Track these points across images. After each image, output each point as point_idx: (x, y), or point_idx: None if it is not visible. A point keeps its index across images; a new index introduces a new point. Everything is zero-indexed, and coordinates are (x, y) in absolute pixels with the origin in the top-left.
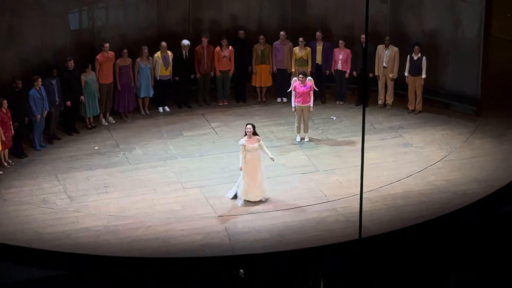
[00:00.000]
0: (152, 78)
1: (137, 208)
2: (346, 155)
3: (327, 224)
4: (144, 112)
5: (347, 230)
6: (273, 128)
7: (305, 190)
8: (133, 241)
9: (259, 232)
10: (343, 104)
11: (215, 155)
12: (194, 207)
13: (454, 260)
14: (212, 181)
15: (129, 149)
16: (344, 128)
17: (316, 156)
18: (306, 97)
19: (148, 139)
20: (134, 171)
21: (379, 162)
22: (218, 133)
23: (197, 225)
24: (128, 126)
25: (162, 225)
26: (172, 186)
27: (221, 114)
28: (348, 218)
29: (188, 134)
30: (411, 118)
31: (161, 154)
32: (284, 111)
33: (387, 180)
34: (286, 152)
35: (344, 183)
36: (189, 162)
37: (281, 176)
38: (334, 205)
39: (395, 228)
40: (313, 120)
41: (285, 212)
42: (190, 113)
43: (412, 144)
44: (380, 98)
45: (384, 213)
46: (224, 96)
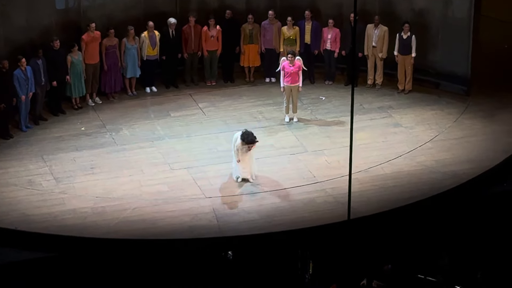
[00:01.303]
0: (138, 58)
1: (124, 190)
2: (335, 136)
3: (316, 205)
4: (131, 92)
5: (336, 211)
6: (261, 108)
7: (294, 171)
8: (120, 223)
9: (248, 213)
10: (332, 84)
11: (203, 135)
12: (182, 189)
13: (445, 241)
14: (200, 162)
15: (115, 129)
16: (333, 108)
17: (305, 137)
18: (295, 77)
19: (135, 119)
20: (121, 152)
21: (368, 143)
22: (206, 114)
23: (185, 206)
24: (115, 107)
25: (150, 206)
26: (159, 167)
27: (209, 95)
28: (337, 199)
29: (176, 114)
30: (400, 98)
31: (148, 135)
32: (273, 91)
33: (376, 160)
34: (275, 133)
35: (333, 163)
36: (177, 143)
37: (270, 157)
38: (323, 186)
39: (385, 209)
40: (302, 100)
41: (274, 193)
42: (178, 94)
43: (401, 124)
44: (369, 78)
45: (373, 194)
46: (211, 76)
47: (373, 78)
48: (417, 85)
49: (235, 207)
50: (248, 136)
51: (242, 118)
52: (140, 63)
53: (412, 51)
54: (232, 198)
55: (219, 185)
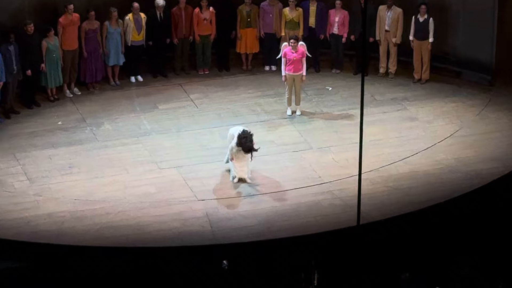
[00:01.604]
0: (122, 43)
1: (106, 192)
2: (343, 131)
3: (322, 208)
4: (113, 82)
5: (344, 215)
6: (260, 100)
7: (297, 170)
8: (102, 229)
9: (245, 218)
10: (340, 72)
11: (194, 130)
12: (171, 190)
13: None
14: (192, 160)
15: (96, 124)
16: (341, 100)
17: (309, 132)
18: (298, 65)
19: (118, 112)
20: (102, 149)
21: (380, 139)
22: (198, 106)
23: (175, 210)
24: (96, 98)
25: (135, 210)
26: (146, 166)
27: (201, 85)
28: (346, 201)
29: (164, 107)
30: (417, 89)
31: (134, 129)
32: (273, 81)
33: (389, 159)
34: (275, 128)
35: (341, 162)
36: (165, 139)
37: (270, 155)
38: (329, 187)
39: (399, 213)
40: (305, 91)
41: (274, 196)
42: (166, 83)
43: (418, 118)
44: (381, 66)
45: (386, 196)
46: (204, 64)
47: (386, 66)
48: (435, 74)
49: (230, 211)
50: (246, 141)
51: (239, 111)
52: (124, 49)
53: (430, 36)
54: (228, 201)
55: (212, 186)
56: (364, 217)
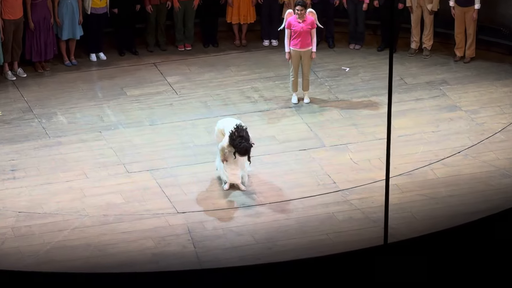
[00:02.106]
0: (80, 12)
1: (58, 202)
2: (364, 123)
3: (337, 223)
4: (68, 61)
5: (367, 232)
6: (257, 84)
7: (305, 174)
8: (53, 250)
9: (238, 235)
10: (360, 48)
11: (173, 123)
12: (143, 200)
13: None
14: (169, 161)
15: (47, 115)
16: (362, 84)
17: (320, 125)
18: (306, 38)
19: (75, 100)
20: (54, 147)
21: (412, 134)
22: (178, 92)
23: (147, 225)
24: (46, 82)
25: (96, 226)
26: (110, 169)
27: (182, 64)
28: (368, 214)
29: (134, 93)
30: (459, 69)
31: (95, 122)
32: (274, 59)
33: (424, 159)
34: (277, 119)
35: (362, 164)
36: (136, 134)
37: (270, 154)
38: (347, 196)
39: (436, 229)
40: (316, 73)
41: (275, 207)
42: (137, 63)
43: (460, 107)
44: (413, 40)
45: (420, 208)
46: (186, 38)
47: (419, 40)
48: (482, 50)
49: (219, 227)
50: (241, 141)
51: (230, 99)
52: (82, 19)
53: (476, 1)
54: (216, 214)
55: (196, 195)
56: (392, 234)
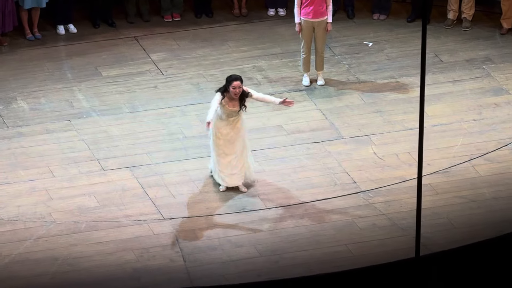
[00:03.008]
0: None
1: (19, 206)
2: (390, 110)
3: (358, 232)
4: (31, 35)
5: (394, 242)
6: (261, 62)
7: (319, 171)
8: (12, 264)
9: (237, 246)
10: (386, 19)
11: (158, 110)
12: (122, 204)
13: None
14: (153, 156)
15: (5, 100)
16: (387, 63)
17: (337, 112)
18: (320, 6)
19: (39, 82)
20: (14, 139)
21: (449, 123)
22: (164, 72)
23: (127, 234)
24: (4, 60)
25: (65, 235)
26: (82, 165)
27: (169, 39)
28: (396, 221)
29: (111, 73)
30: (506, 44)
31: (63, 109)
32: (281, 33)
33: (463, 154)
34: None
35: (388, 159)
36: (113, 123)
37: (277, 147)
38: (369, 199)
39: (479, 238)
40: (332, 48)
41: (283, 212)
42: (114, 37)
43: (508, 90)
44: (451, 9)
45: (459, 213)
46: (173, 7)
47: (458, 9)
48: None
49: (215, 236)
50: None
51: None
52: None
53: None
54: (210, 220)
55: (186, 197)
56: (425, 245)
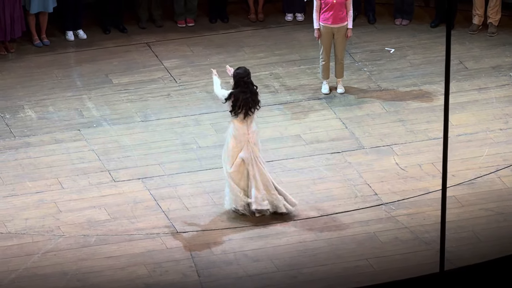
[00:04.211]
0: None
1: (27, 219)
2: (413, 119)
3: (380, 246)
4: (39, 41)
5: (418, 257)
6: (278, 69)
7: (339, 183)
8: (20, 279)
9: (254, 261)
10: (409, 24)
11: (172, 119)
12: (134, 217)
13: None
14: (166, 167)
15: (12, 109)
16: (410, 70)
17: (358, 121)
18: (340, 12)
19: (47, 90)
20: (21, 149)
21: (475, 132)
22: (178, 80)
23: (139, 248)
24: (11, 67)
25: (74, 249)
26: (92, 177)
27: (183, 45)
28: (419, 234)
29: (122, 81)
30: None
31: (72, 118)
32: (299, 38)
33: (490, 165)
34: (303, 115)
35: (411, 170)
36: (124, 133)
37: (295, 158)
38: (391, 212)
39: (505, 252)
40: (352, 55)
41: (301, 225)
42: (125, 43)
43: None
44: (476, 14)
45: (485, 226)
46: (187, 12)
47: (484, 13)
48: None
49: (230, 250)
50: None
51: None
52: None
53: None
54: (225, 234)
55: (200, 210)
56: (449, 260)
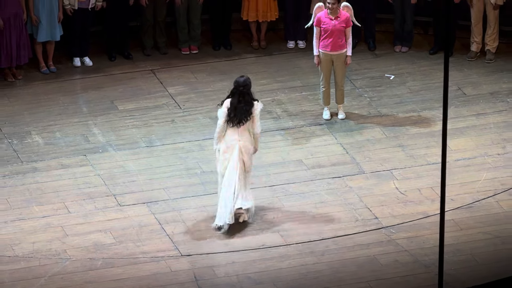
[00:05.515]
0: (60, 7)
1: (34, 243)
2: (413, 145)
3: (380, 268)
4: (46, 68)
5: (417, 279)
6: (280, 95)
7: (339, 207)
8: None
9: (257, 283)
10: (408, 51)
11: (176, 145)
12: (138, 240)
13: None
14: (171, 191)
15: (19, 134)
16: (409, 96)
17: (358, 146)
18: (339, 39)
19: (53, 116)
20: (28, 174)
21: (473, 157)
22: (182, 106)
23: (144, 271)
24: (18, 94)
25: (81, 272)
26: (98, 201)
27: (186, 71)
28: (419, 257)
29: (127, 107)
30: None
31: (78, 143)
32: (300, 65)
33: (487, 188)
34: (305, 140)
35: (410, 194)
36: (130, 158)
37: (296, 183)
38: (391, 235)
39: (504, 275)
40: (353, 81)
41: (303, 248)
42: (131, 69)
43: None
44: (474, 41)
45: (483, 249)
46: (191, 39)
47: (482, 41)
48: None
49: (233, 273)
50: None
51: None
52: (62, 15)
53: None
54: (229, 257)
55: (204, 233)
56: (448, 282)
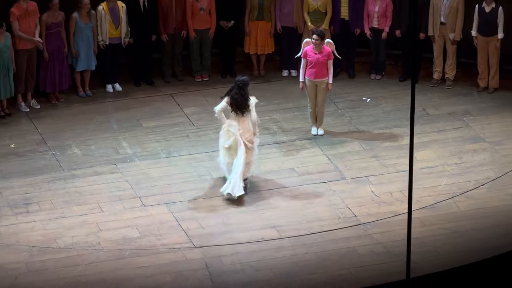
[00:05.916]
0: (95, 42)
1: (73, 236)
2: (385, 155)
3: (358, 257)
4: (83, 92)
5: (388, 266)
6: (276, 115)
7: (325, 207)
8: (68, 285)
9: (257, 270)
10: (381, 79)
11: (190, 156)
12: (159, 234)
13: None
14: (186, 194)
15: (61, 147)
16: (383, 115)
17: (341, 157)
18: (322, 69)
19: (90, 132)
20: (69, 180)
21: (435, 166)
22: (195, 124)
23: (164, 260)
24: (60, 114)
25: (112, 260)
26: (126, 202)
27: (199, 95)
28: (390, 248)
29: (150, 124)
30: (483, 100)
31: (110, 154)
32: (293, 90)
33: (447, 191)
34: (296, 151)
35: (383, 197)
36: (152, 167)
37: (289, 187)
38: (368, 230)
39: (460, 263)
40: (336, 104)
41: (295, 241)
42: (153, 94)
43: (484, 139)
44: (436, 70)
45: (443, 242)
46: (203, 68)
47: (442, 70)
48: (506, 80)
49: (238, 261)
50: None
51: None
52: (96, 49)
53: (499, 31)
54: (234, 248)
55: (213, 229)
56: (414, 269)
